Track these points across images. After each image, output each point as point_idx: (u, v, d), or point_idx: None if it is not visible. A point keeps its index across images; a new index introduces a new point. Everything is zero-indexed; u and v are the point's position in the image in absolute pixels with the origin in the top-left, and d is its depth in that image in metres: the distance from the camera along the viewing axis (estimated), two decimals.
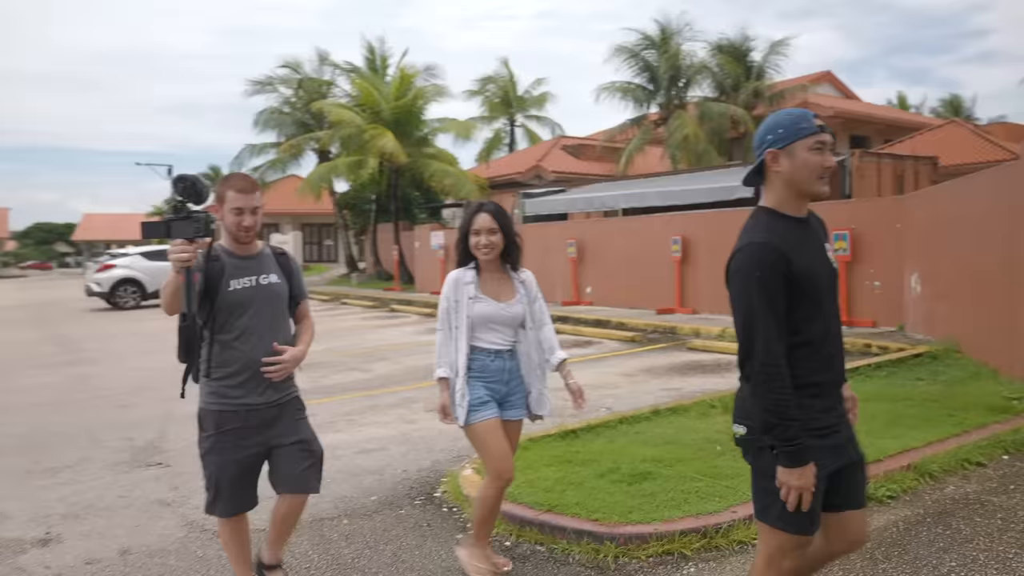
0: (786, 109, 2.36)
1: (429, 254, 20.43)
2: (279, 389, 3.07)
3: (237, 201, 2.93)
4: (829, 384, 2.29)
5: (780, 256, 2.18)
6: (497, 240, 3.35)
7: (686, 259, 13.05)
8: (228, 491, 3.02)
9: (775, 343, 2.17)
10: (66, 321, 17.81)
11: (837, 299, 2.37)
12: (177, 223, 2.66)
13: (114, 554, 3.94)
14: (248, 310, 2.97)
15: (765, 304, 2.17)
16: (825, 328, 2.28)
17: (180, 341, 2.93)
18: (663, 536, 3.76)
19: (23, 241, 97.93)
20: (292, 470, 3.09)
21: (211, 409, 2.99)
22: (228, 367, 2.96)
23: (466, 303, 3.34)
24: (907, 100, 52.19)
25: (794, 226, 2.27)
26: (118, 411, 7.45)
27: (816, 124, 2.23)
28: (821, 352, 2.26)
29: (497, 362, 3.38)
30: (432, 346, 3.52)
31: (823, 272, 2.28)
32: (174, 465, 5.52)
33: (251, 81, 27.49)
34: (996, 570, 3.43)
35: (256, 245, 3.11)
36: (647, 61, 28.11)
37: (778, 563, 2.34)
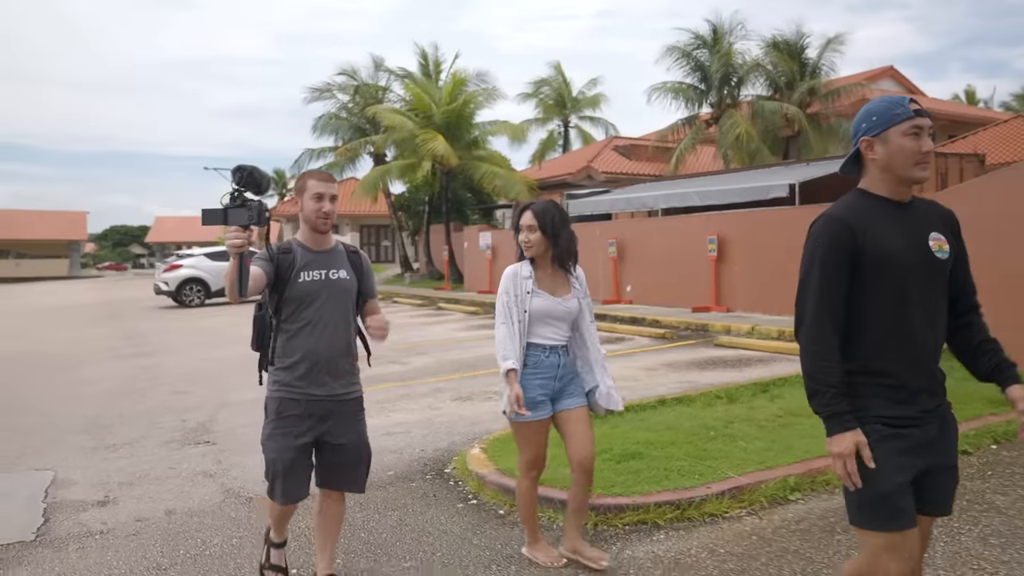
0: (882, 96, 2.35)
1: (478, 254, 20.97)
2: (342, 384, 3.16)
3: (318, 187, 3.08)
4: (907, 375, 2.19)
5: (847, 230, 2.17)
6: (536, 238, 3.41)
7: (722, 258, 13.25)
8: (284, 476, 3.10)
9: (824, 314, 2.18)
10: (135, 318, 18.95)
11: (936, 291, 2.25)
12: (233, 210, 2.74)
13: (160, 514, 4.53)
14: (315, 303, 3.07)
15: (820, 274, 2.19)
16: (904, 316, 2.18)
17: (254, 330, 3.12)
18: (639, 507, 4.15)
19: (101, 243, 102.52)
20: (338, 468, 3.18)
21: (274, 396, 3.11)
22: (291, 357, 3.07)
23: (524, 297, 3.40)
24: (976, 94, 50.71)
25: (885, 206, 2.23)
26: (175, 397, 8.14)
27: (912, 109, 2.18)
28: (896, 339, 2.18)
29: (552, 358, 3.43)
30: (470, 342, 3.91)
31: (910, 258, 2.19)
32: (219, 444, 6.12)
33: (310, 88, 28.58)
34: (944, 543, 3.71)
35: (330, 240, 3.22)
36: (699, 61, 28.03)
37: (882, 568, 2.17)
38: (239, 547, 4.00)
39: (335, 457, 3.16)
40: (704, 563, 3.62)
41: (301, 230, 3.18)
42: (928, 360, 2.23)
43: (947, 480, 2.27)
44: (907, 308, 2.18)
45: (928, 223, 2.26)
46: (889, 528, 2.15)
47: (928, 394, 2.22)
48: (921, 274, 2.20)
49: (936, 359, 2.27)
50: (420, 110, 23.70)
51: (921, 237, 2.22)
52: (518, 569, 3.62)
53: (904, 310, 2.18)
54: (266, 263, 3.01)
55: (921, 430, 2.18)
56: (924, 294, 2.20)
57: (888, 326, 2.19)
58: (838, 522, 4.02)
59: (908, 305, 2.18)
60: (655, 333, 11.66)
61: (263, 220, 2.76)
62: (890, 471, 2.14)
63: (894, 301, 2.18)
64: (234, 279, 2.78)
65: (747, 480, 4.45)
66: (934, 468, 2.22)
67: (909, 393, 2.19)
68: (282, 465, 3.09)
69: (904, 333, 2.19)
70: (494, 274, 19.86)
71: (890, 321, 2.19)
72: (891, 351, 2.19)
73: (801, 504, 4.34)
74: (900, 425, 2.17)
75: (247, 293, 2.82)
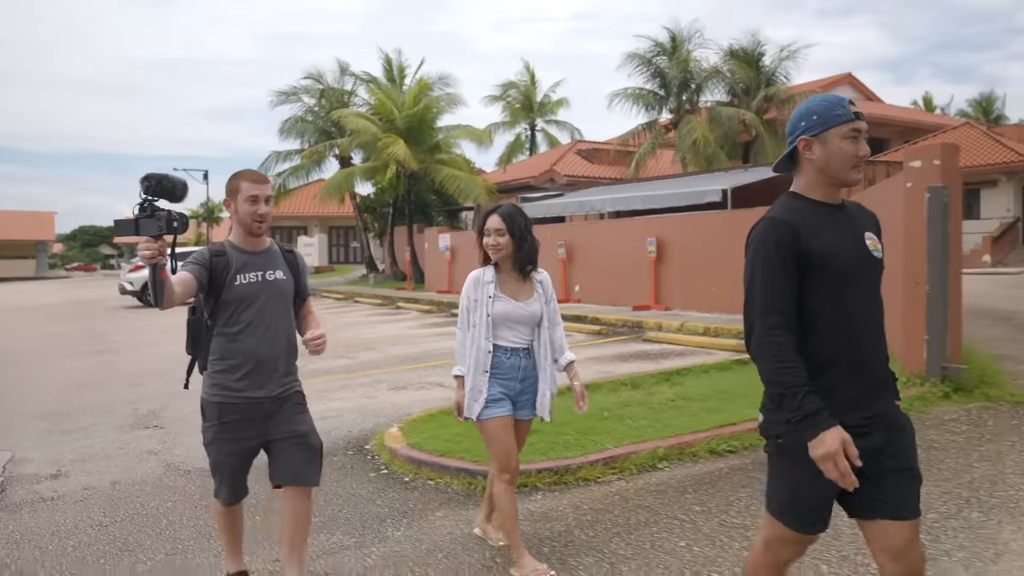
0: (821, 95, 2.32)
1: (437, 255, 21.59)
2: (281, 383, 3.14)
3: (251, 190, 3.03)
4: (852, 373, 2.17)
5: (790, 230, 2.16)
6: (504, 241, 3.45)
7: (660, 259, 14.00)
8: (229, 480, 3.16)
9: (773, 316, 2.14)
10: (99, 317, 19.32)
11: (877, 291, 2.27)
12: (144, 221, 2.69)
13: (106, 484, 5.11)
14: (253, 304, 3.05)
15: (766, 277, 2.16)
16: (847, 317, 2.17)
17: (188, 334, 3.13)
18: (523, 473, 4.79)
19: (70, 244, 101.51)
20: (290, 463, 3.15)
21: (213, 400, 3.08)
22: (231, 359, 3.05)
23: (485, 301, 3.46)
24: (933, 101, 52.23)
25: (820, 209, 2.24)
26: (130, 389, 8.68)
27: (852, 111, 2.18)
28: (839, 341, 2.17)
29: (513, 359, 3.49)
30: (420, 338, 4.32)
31: (850, 257, 2.19)
32: (167, 428, 6.69)
33: (276, 92, 29.01)
34: None
35: (264, 241, 3.18)
36: (659, 67, 28.84)
37: (776, 551, 2.33)
38: (172, 509, 4.60)
39: (285, 451, 3.15)
40: (566, 515, 4.29)
41: (234, 232, 3.16)
42: (874, 362, 2.23)
43: (902, 483, 2.18)
44: (850, 309, 2.18)
45: (861, 224, 2.29)
46: (802, 531, 2.26)
47: (874, 398, 2.20)
48: (862, 274, 2.21)
49: (882, 360, 2.25)
50: (383, 114, 24.28)
51: (858, 237, 2.25)
52: (409, 522, 4.26)
53: (847, 311, 2.18)
54: (198, 267, 2.99)
55: (865, 439, 2.11)
56: (866, 294, 2.22)
57: (831, 328, 2.18)
58: (691, 485, 4.71)
59: (851, 306, 2.18)
60: (592, 330, 12.37)
61: (172, 229, 2.71)
62: (821, 482, 2.10)
63: (836, 302, 2.17)
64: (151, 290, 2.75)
65: (621, 451, 5.13)
66: (887, 471, 2.16)
67: (854, 397, 2.15)
68: (227, 470, 3.14)
69: (848, 335, 2.18)
70: (453, 275, 20.49)
71: (833, 323, 2.17)
72: (836, 354, 2.17)
73: (666, 471, 5.02)
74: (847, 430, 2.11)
75: (165, 304, 2.77)
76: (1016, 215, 28.58)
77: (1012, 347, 9.31)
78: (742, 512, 4.22)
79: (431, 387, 7.90)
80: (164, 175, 2.73)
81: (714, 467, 5.06)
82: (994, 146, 28.52)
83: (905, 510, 2.15)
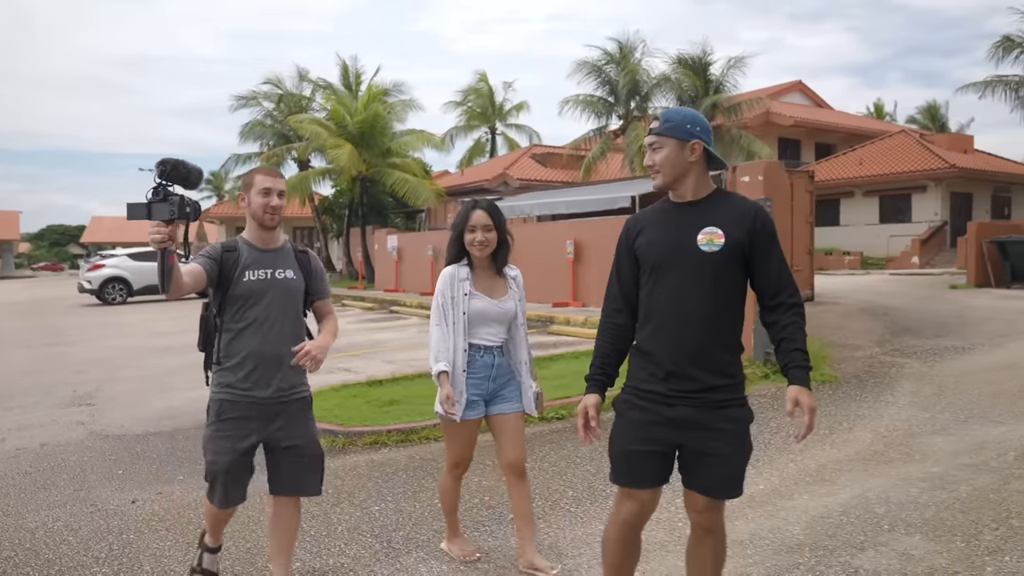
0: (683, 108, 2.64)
1: (385, 255, 22.64)
2: (287, 385, 3.09)
3: (265, 182, 3.04)
4: (662, 356, 2.48)
5: (626, 230, 2.63)
6: (492, 237, 3.42)
7: (578, 260, 15.20)
8: (223, 480, 3.06)
9: (608, 298, 2.67)
10: (58, 314, 20.16)
11: (702, 282, 2.45)
12: (156, 205, 2.62)
13: (36, 445, 6.18)
14: (260, 302, 3.02)
15: (613, 265, 2.67)
16: (661, 303, 2.50)
17: (200, 330, 3.09)
18: (376, 433, 5.95)
19: (37, 243, 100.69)
20: (288, 471, 3.11)
21: (216, 398, 3.06)
22: (234, 357, 3.02)
23: (461, 299, 3.42)
24: (884, 108, 54.11)
25: (670, 207, 2.59)
26: (73, 375, 9.68)
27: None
28: (653, 323, 2.53)
29: (486, 357, 3.45)
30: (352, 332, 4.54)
31: (665, 252, 2.50)
32: (98, 405, 7.74)
33: (236, 96, 29.91)
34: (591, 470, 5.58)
35: (278, 239, 3.16)
36: (608, 75, 30.08)
37: (616, 507, 2.67)
38: (87, 461, 5.69)
39: (287, 460, 3.11)
40: (401, 462, 5.44)
41: (248, 227, 3.14)
42: (685, 344, 2.46)
43: (707, 466, 2.47)
44: (663, 297, 2.49)
45: (709, 218, 2.48)
46: (617, 483, 2.61)
47: (686, 379, 2.45)
48: (679, 267, 2.47)
49: (698, 345, 2.46)
50: (336, 120, 25.30)
51: (689, 232, 2.47)
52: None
53: (661, 298, 2.50)
54: (209, 260, 2.97)
55: (672, 409, 2.46)
56: (682, 285, 2.46)
57: (649, 311, 2.54)
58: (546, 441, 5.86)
59: (664, 294, 2.49)
60: None
61: (185, 214, 2.63)
62: (626, 438, 2.55)
63: (653, 290, 2.52)
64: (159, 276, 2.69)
65: None
66: (691, 450, 2.49)
67: (665, 373, 2.47)
68: (222, 468, 3.05)
69: (660, 318, 2.50)
70: (400, 274, 21.57)
71: (652, 307, 2.53)
72: (649, 333, 2.54)
73: None
74: (647, 399, 2.50)
75: (172, 291, 2.73)
76: (944, 219, 30.14)
77: (863, 337, 10.56)
78: (551, 463, 5.38)
79: (338, 372, 8.99)
80: (180, 160, 2.66)
81: (538, 430, 6.22)
82: (924, 153, 30.04)
83: (708, 490, 2.52)
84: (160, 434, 6.43)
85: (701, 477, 2.50)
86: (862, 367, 8.51)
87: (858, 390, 7.46)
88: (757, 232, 2.48)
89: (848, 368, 8.42)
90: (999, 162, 32.08)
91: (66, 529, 4.32)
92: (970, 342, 9.81)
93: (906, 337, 10.48)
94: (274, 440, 3.09)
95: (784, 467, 5.07)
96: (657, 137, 2.52)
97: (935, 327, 11.22)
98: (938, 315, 12.52)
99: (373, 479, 5.07)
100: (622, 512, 2.61)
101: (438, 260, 19.15)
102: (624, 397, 2.62)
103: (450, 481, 3.63)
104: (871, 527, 3.95)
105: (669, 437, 2.48)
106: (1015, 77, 25.06)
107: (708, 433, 2.44)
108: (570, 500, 4.60)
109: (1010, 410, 6.35)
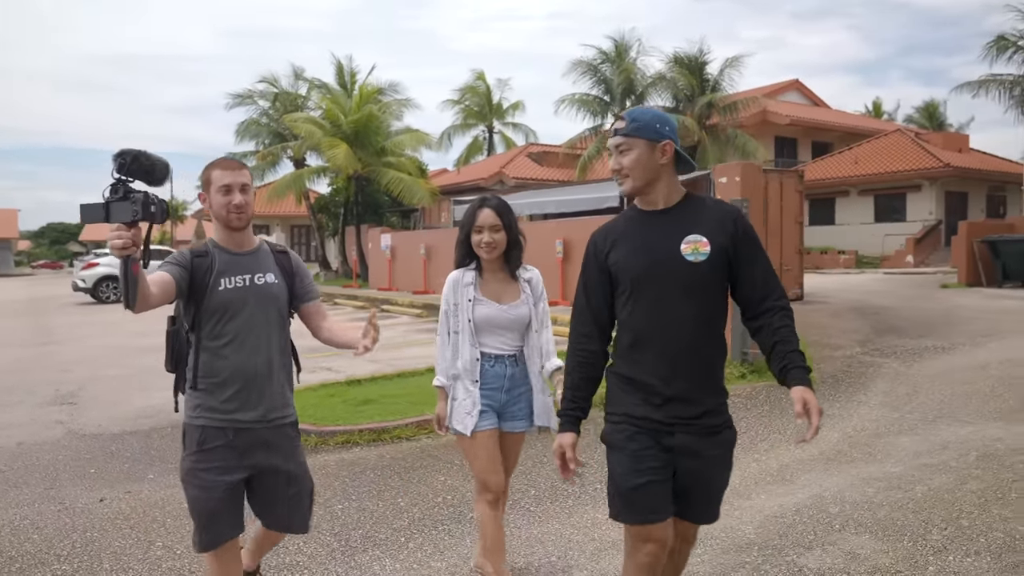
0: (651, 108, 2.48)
1: (379, 254, 22.69)
2: (274, 406, 2.72)
3: (223, 178, 2.62)
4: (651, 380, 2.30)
5: (593, 245, 2.44)
6: (500, 238, 3.16)
7: (567, 258, 15.26)
8: (209, 519, 2.64)
9: (576, 323, 2.45)
10: (51, 312, 20.23)
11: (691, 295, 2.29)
12: (116, 204, 2.22)
13: (13, 444, 6.23)
14: (240, 313, 2.66)
15: (579, 286, 2.45)
16: (646, 321, 2.31)
17: (167, 347, 2.71)
18: (348, 432, 6.00)
19: (38, 241, 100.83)
20: (275, 505, 2.77)
21: (195, 424, 2.66)
22: (215, 377, 2.64)
23: (466, 305, 3.17)
24: (882, 107, 54.14)
25: (640, 216, 2.40)
26: (59, 374, 9.74)
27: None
28: (639, 343, 2.33)
29: (497, 367, 3.18)
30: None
31: (647, 265, 2.31)
32: (79, 404, 7.80)
33: (232, 95, 29.95)
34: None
35: (252, 240, 2.80)
36: (604, 74, 30.13)
37: (631, 554, 2.39)
38: (60, 460, 5.75)
39: (272, 492, 2.74)
40: (371, 461, 5.49)
41: (215, 229, 2.75)
42: (680, 366, 2.29)
43: (694, 492, 2.37)
44: (648, 315, 2.29)
45: (689, 226, 2.30)
46: (629, 521, 2.36)
47: (685, 403, 2.28)
48: (664, 281, 2.27)
49: (694, 365, 2.30)
50: (331, 119, 25.36)
51: (670, 243, 2.28)
52: None
53: (645, 318, 2.29)
54: (178, 268, 2.60)
55: (672, 438, 2.29)
56: (669, 301, 2.27)
57: (632, 333, 2.34)
58: None
59: (649, 312, 2.28)
60: None
61: (150, 215, 2.23)
62: (630, 472, 2.31)
63: (635, 309, 2.32)
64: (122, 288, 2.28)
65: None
66: (681, 477, 2.33)
67: (664, 399, 2.29)
68: (206, 507, 2.63)
69: (648, 340, 2.29)
70: (393, 273, 21.63)
71: (635, 328, 2.33)
72: (636, 358, 2.32)
73: None
74: (643, 426, 2.31)
75: (138, 305, 2.32)
76: (938, 218, 30.16)
77: (846, 337, 10.61)
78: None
79: (319, 371, 9.05)
80: (142, 151, 2.25)
81: None
82: (920, 153, 30.06)
83: (697, 517, 2.46)
84: (136, 433, 6.48)
85: (687, 504, 2.39)
86: (840, 367, 8.56)
87: (833, 390, 7.51)
88: (740, 237, 2.34)
89: (827, 368, 8.47)
90: (994, 161, 32.09)
91: (32, 527, 4.38)
92: (952, 342, 9.87)
93: (890, 337, 10.53)
94: (259, 469, 2.70)
95: (747, 467, 5.11)
96: (624, 139, 2.34)
97: (920, 327, 11.27)
98: (925, 315, 12.57)
99: (340, 478, 5.12)
100: (640, 556, 2.35)
101: (431, 259, 19.21)
102: (617, 428, 2.38)
103: (484, 508, 3.18)
104: (822, 527, 4.00)
105: (668, 464, 2.33)
106: (1009, 76, 25.03)
107: (701, 461, 2.34)
108: (531, 499, 4.65)
109: (980, 410, 6.40)
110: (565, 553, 3.83)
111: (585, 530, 4.13)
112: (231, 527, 2.69)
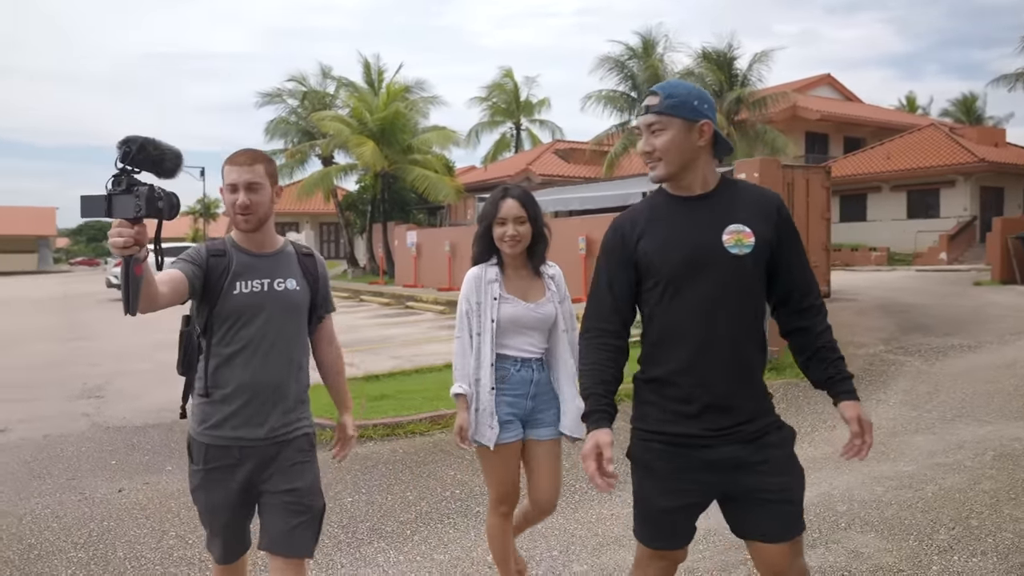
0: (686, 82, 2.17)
1: (404, 251, 22.85)
2: (285, 420, 2.51)
3: (230, 175, 2.43)
4: (688, 387, 2.06)
5: (619, 235, 2.14)
6: (525, 231, 2.93)
7: (590, 255, 15.24)
8: (221, 534, 2.57)
9: (594, 319, 2.14)
10: (85, 309, 20.69)
11: (731, 291, 2.06)
12: (119, 198, 2.00)
13: (39, 436, 6.41)
14: (255, 320, 2.46)
15: (597, 280, 2.18)
16: (682, 321, 2.06)
17: (180, 349, 2.52)
18: (363, 427, 6.07)
19: (76, 238, 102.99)
20: (280, 526, 2.49)
21: (200, 440, 2.50)
22: (223, 388, 2.46)
23: (490, 304, 2.93)
24: (916, 101, 53.16)
25: (674, 203, 2.13)
26: (88, 368, 9.98)
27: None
28: (672, 346, 2.08)
29: (523, 372, 2.94)
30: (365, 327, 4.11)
31: (687, 257, 2.05)
32: (106, 397, 7.99)
33: (261, 93, 30.29)
34: None
35: (275, 241, 2.58)
36: (630, 70, 30.01)
37: (641, 569, 2.25)
38: (84, 452, 5.90)
39: (274, 511, 2.49)
40: (383, 456, 5.56)
41: (234, 228, 2.58)
42: (725, 370, 2.05)
43: (763, 507, 2.06)
44: (688, 313, 2.05)
45: (729, 215, 2.08)
46: (652, 546, 2.19)
47: (725, 412, 2.04)
48: (706, 276, 2.04)
49: (739, 368, 2.07)
50: (358, 117, 25.57)
51: (710, 233, 2.06)
52: None
53: (685, 316, 2.05)
54: (192, 267, 2.40)
55: (712, 451, 2.04)
56: (711, 297, 2.03)
57: (666, 332, 2.08)
58: None
59: (689, 310, 2.04)
60: None
61: (156, 210, 2.02)
62: (657, 494, 2.10)
63: (669, 306, 2.06)
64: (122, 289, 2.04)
65: (449, 411, 6.38)
66: (740, 495, 2.08)
67: (701, 408, 2.04)
68: (218, 522, 2.55)
69: (686, 340, 2.05)
70: (418, 269, 21.77)
71: (670, 327, 2.07)
72: (669, 359, 2.07)
73: None
74: (677, 444, 2.06)
75: (142, 307, 2.08)
76: (973, 214, 29.58)
77: (871, 335, 10.48)
78: None
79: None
80: (149, 139, 2.02)
81: None
82: (954, 147, 29.52)
83: (771, 537, 2.07)
84: (158, 426, 6.62)
85: (762, 523, 2.08)
86: (862, 365, 8.46)
87: None
88: (783, 226, 2.13)
89: (848, 367, 8.36)
90: None
91: (52, 516, 4.51)
92: (979, 340, 9.70)
93: (916, 335, 10.38)
94: (266, 485, 2.48)
95: None
96: (657, 117, 2.06)
97: (948, 324, 11.09)
98: (954, 312, 12.36)
99: (352, 472, 5.20)
100: (650, 571, 2.23)
101: (455, 256, 19.30)
102: (644, 445, 2.15)
103: (497, 520, 3.02)
104: (828, 525, 3.98)
105: (711, 485, 2.09)
106: None
107: (756, 469, 2.06)
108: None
109: (1001, 409, 6.30)
110: (567, 547, 3.86)
111: (588, 525, 4.16)
112: (238, 543, 2.63)
